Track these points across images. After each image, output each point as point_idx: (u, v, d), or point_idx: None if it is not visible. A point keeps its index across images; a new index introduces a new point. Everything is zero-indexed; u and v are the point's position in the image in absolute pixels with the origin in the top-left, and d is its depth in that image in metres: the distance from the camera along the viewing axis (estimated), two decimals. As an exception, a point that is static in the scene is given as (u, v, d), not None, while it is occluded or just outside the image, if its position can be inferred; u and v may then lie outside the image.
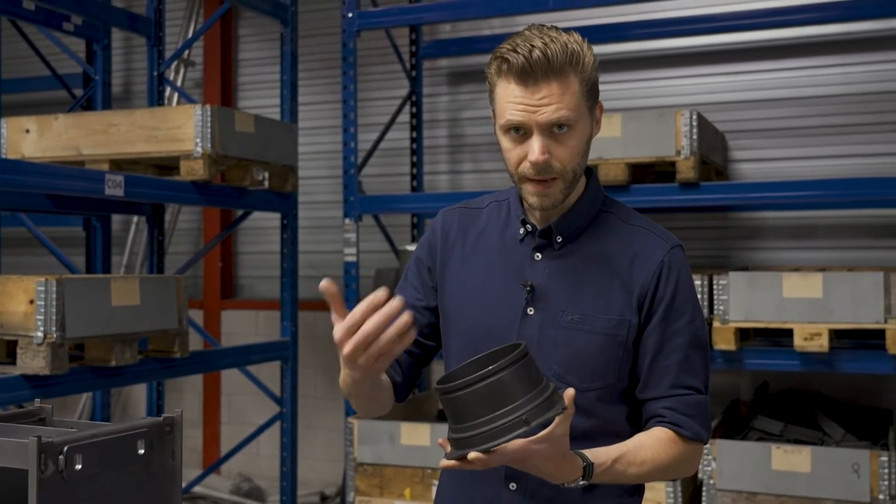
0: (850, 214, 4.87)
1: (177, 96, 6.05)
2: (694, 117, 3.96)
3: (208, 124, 3.99)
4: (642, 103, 5.20)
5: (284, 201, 4.81)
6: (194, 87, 6.60)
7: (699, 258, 5.09)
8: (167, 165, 4.27)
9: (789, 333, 3.81)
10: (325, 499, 5.81)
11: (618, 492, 1.72)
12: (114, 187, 3.67)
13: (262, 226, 6.27)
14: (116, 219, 5.99)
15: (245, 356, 4.82)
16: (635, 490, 1.76)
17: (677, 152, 3.98)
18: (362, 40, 4.93)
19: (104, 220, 5.02)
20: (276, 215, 5.17)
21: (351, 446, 4.33)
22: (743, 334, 3.96)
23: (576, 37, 1.65)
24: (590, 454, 1.57)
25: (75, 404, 6.06)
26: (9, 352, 3.43)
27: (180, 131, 4.02)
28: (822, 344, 3.71)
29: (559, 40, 1.61)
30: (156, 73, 5.06)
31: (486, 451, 1.42)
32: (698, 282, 3.77)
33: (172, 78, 6.10)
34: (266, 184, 4.49)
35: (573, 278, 1.71)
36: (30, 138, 4.23)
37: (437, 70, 5.89)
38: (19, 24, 5.55)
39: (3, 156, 4.24)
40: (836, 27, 4.92)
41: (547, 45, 1.59)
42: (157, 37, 5.08)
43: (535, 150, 1.62)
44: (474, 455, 1.42)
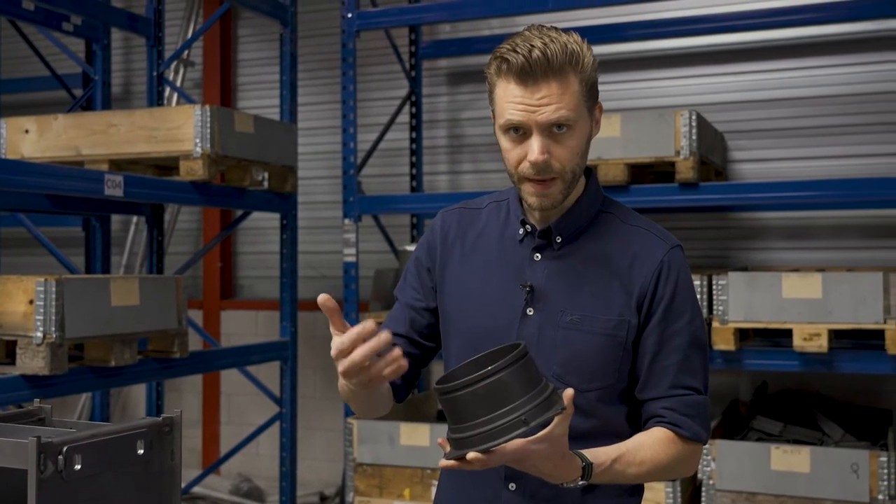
0: (850, 215, 4.87)
1: (176, 96, 6.05)
2: (693, 118, 3.96)
3: (208, 124, 3.99)
4: (642, 103, 5.21)
5: (284, 201, 4.81)
6: (194, 87, 6.60)
7: (698, 258, 5.09)
8: (167, 166, 4.27)
9: (788, 334, 3.81)
10: (324, 499, 5.81)
11: (617, 492, 1.72)
12: (113, 187, 3.67)
13: (261, 226, 6.27)
14: (116, 219, 5.99)
15: (244, 356, 4.82)
16: (635, 490, 1.76)
17: (677, 153, 3.98)
18: (362, 40, 4.93)
19: (103, 221, 5.02)
20: (276, 215, 5.17)
21: (350, 446, 4.33)
22: (742, 334, 3.96)
23: (575, 37, 1.65)
24: (589, 454, 1.57)
25: (75, 404, 6.06)
26: (8, 352, 3.43)
27: (180, 131, 4.02)
28: (821, 344, 3.71)
29: (559, 40, 1.61)
30: (155, 74, 5.06)
31: (485, 451, 1.42)
32: (697, 282, 3.77)
33: (172, 78, 6.10)
34: (265, 184, 4.48)
35: (573, 279, 1.71)
36: (29, 138, 4.23)
37: (437, 70, 5.89)
38: (19, 24, 5.55)
39: (2, 156, 4.24)
40: (836, 27, 4.92)
41: (547, 45, 1.59)
42: (156, 37, 5.08)
43: (534, 150, 1.62)
44: (473, 455, 1.42)
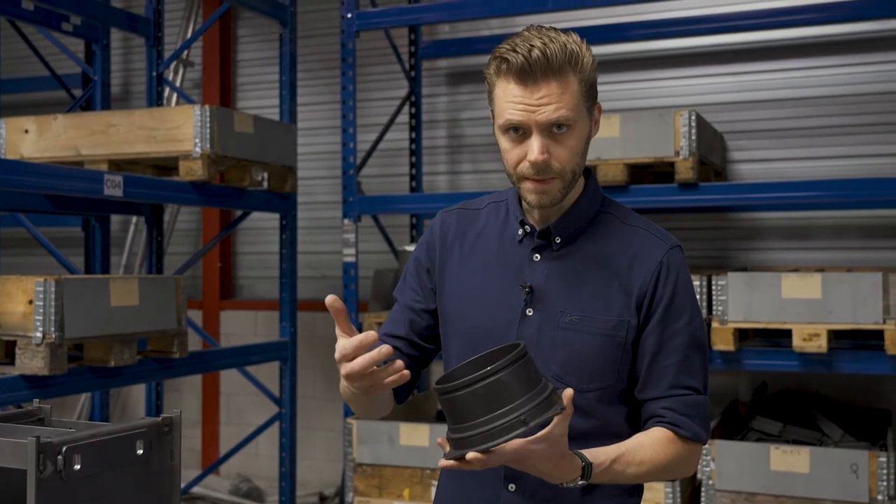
0: (849, 215, 4.87)
1: (176, 97, 6.05)
2: (693, 118, 3.96)
3: (207, 125, 3.99)
4: (641, 104, 5.21)
5: (283, 202, 4.81)
6: (193, 87, 6.60)
7: (698, 259, 5.09)
8: (166, 166, 4.27)
9: (788, 334, 3.82)
10: (323, 499, 5.81)
11: (617, 492, 1.72)
12: (113, 187, 3.67)
13: (261, 226, 6.27)
14: (115, 219, 5.99)
15: (244, 356, 4.82)
16: (634, 490, 1.76)
17: (676, 153, 3.98)
18: (361, 41, 4.93)
19: (103, 221, 5.02)
20: (275, 216, 5.17)
21: (350, 447, 4.34)
22: (742, 335, 3.96)
23: (574, 37, 1.65)
24: (588, 454, 1.57)
25: (74, 404, 6.06)
26: (7, 352, 3.43)
27: (179, 132, 4.02)
28: (820, 344, 3.71)
29: (558, 40, 1.61)
30: (155, 74, 5.05)
31: (484, 451, 1.42)
32: (697, 282, 3.77)
33: (171, 78, 6.10)
34: (265, 184, 4.48)
35: (572, 279, 1.71)
36: (29, 138, 4.23)
37: (436, 70, 5.89)
38: (18, 24, 5.55)
39: (2, 156, 4.24)
40: (835, 28, 4.92)
41: (546, 45, 1.59)
42: (156, 37, 5.08)
43: (534, 150, 1.62)
44: (473, 455, 1.42)
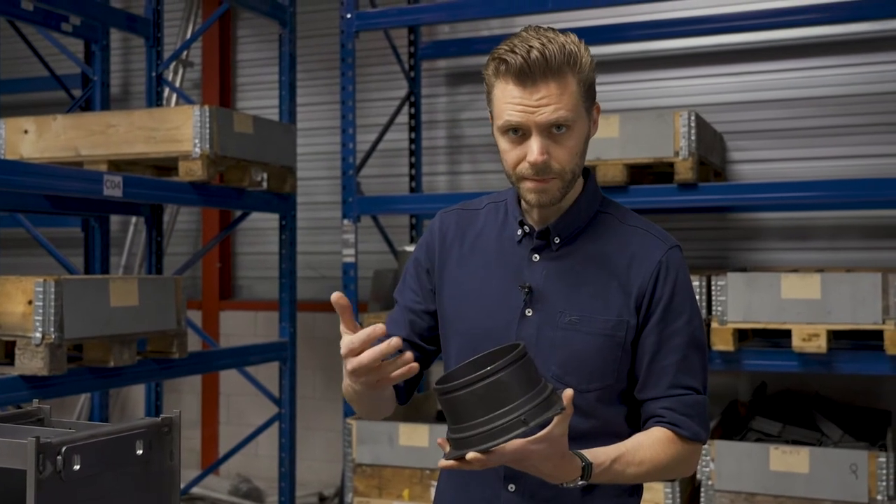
0: (849, 215, 4.87)
1: (175, 97, 6.05)
2: (692, 118, 3.96)
3: (207, 125, 3.99)
4: (641, 104, 5.21)
5: (283, 202, 4.81)
6: (193, 87, 6.60)
7: (697, 259, 5.09)
8: (166, 166, 4.27)
9: (787, 334, 3.82)
10: (323, 499, 5.81)
11: (616, 492, 1.72)
12: (112, 188, 3.67)
13: (260, 226, 6.27)
14: (115, 219, 5.99)
15: (243, 357, 4.82)
16: (634, 490, 1.76)
17: (676, 153, 3.98)
18: (361, 41, 4.93)
19: (102, 221, 5.02)
20: (275, 216, 5.17)
21: (349, 447, 4.34)
22: (741, 335, 3.96)
23: (573, 37, 1.65)
24: (588, 454, 1.57)
25: (74, 405, 6.06)
26: (7, 352, 3.43)
27: (179, 132, 4.02)
28: (820, 345, 3.71)
29: (556, 41, 1.61)
30: (154, 74, 5.05)
31: (484, 452, 1.42)
32: (696, 282, 3.77)
33: (171, 79, 6.09)
34: (265, 184, 4.49)
35: (571, 279, 1.71)
36: (28, 139, 4.23)
37: (436, 71, 5.89)
38: (18, 24, 5.54)
39: (1, 156, 4.24)
40: (835, 28, 4.92)
41: (545, 45, 1.59)
42: (155, 37, 5.08)
43: (534, 151, 1.62)
44: (473, 455, 1.42)
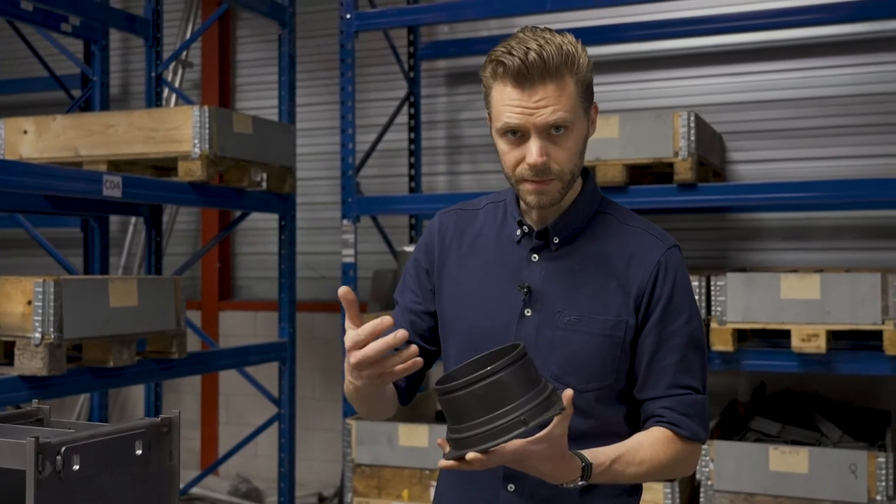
0: (848, 216, 4.87)
1: (175, 97, 6.05)
2: (692, 118, 3.97)
3: (206, 125, 3.99)
4: (640, 104, 5.21)
5: (282, 202, 4.81)
6: (192, 88, 6.60)
7: (697, 259, 5.09)
8: (165, 166, 4.27)
9: (787, 334, 3.82)
10: (322, 500, 5.81)
11: (616, 492, 1.72)
12: (112, 188, 3.67)
13: (260, 227, 6.27)
14: (114, 220, 5.99)
15: (243, 357, 4.82)
16: (633, 490, 1.76)
17: (675, 153, 3.98)
18: (360, 41, 4.93)
19: (102, 221, 5.02)
20: (275, 216, 5.17)
21: (349, 447, 4.34)
22: (740, 335, 3.96)
23: (570, 38, 1.65)
24: (588, 454, 1.57)
25: (73, 405, 6.06)
26: (6, 353, 3.44)
27: (178, 132, 4.02)
28: (819, 345, 3.71)
29: (554, 42, 1.61)
30: (154, 74, 5.05)
31: (484, 452, 1.42)
32: (696, 283, 3.77)
33: (170, 79, 6.09)
34: (264, 185, 4.49)
35: (570, 279, 1.71)
36: (28, 139, 4.23)
37: (435, 71, 5.89)
38: (17, 24, 5.54)
39: (1, 157, 4.24)
40: (835, 28, 4.92)
41: (542, 47, 1.59)
42: (155, 38, 5.08)
43: (533, 153, 1.62)
44: (472, 455, 1.42)
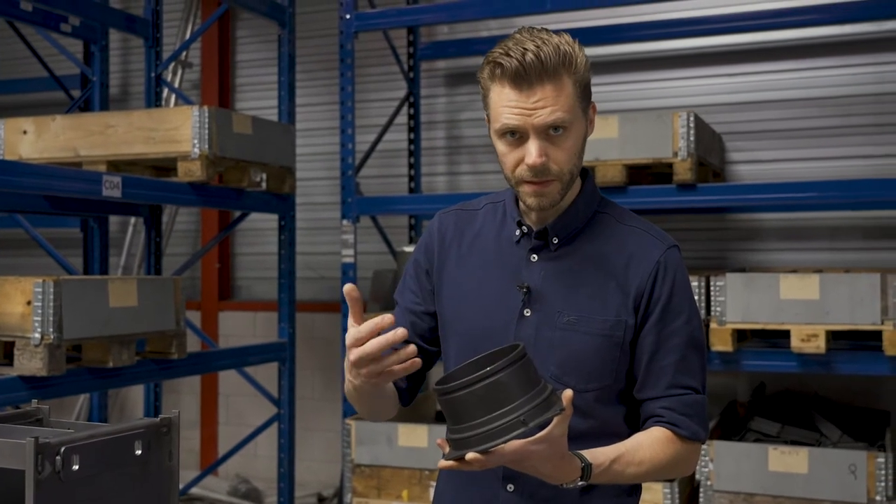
0: (847, 216, 4.87)
1: (174, 98, 6.04)
2: (691, 119, 3.97)
3: (206, 125, 3.99)
4: (639, 105, 5.21)
5: (282, 202, 4.81)
6: (192, 88, 6.60)
7: (696, 259, 5.09)
8: (165, 167, 4.27)
9: (786, 335, 3.82)
10: (322, 500, 5.81)
11: (616, 492, 1.72)
12: (111, 188, 3.67)
13: (259, 227, 6.27)
14: (114, 220, 5.99)
15: (242, 357, 4.82)
16: (633, 490, 1.76)
17: (674, 154, 3.98)
18: (360, 42, 4.93)
19: (101, 222, 5.02)
20: (274, 216, 5.17)
21: (348, 447, 4.33)
22: (740, 335, 3.97)
23: (567, 38, 1.65)
24: (588, 454, 1.57)
25: (73, 405, 6.06)
26: (6, 353, 3.44)
27: (178, 132, 4.02)
28: (818, 345, 3.71)
29: (551, 42, 1.61)
30: (153, 75, 5.05)
31: (484, 452, 1.42)
32: (695, 283, 3.77)
33: (170, 79, 6.09)
34: (264, 185, 4.49)
35: (569, 280, 1.71)
36: (27, 139, 4.23)
37: (435, 71, 5.89)
38: (17, 25, 5.54)
39: (0, 157, 4.24)
40: (834, 29, 4.93)
41: (539, 47, 1.59)
42: (154, 38, 5.08)
43: (532, 154, 1.62)
44: (472, 455, 1.42)
